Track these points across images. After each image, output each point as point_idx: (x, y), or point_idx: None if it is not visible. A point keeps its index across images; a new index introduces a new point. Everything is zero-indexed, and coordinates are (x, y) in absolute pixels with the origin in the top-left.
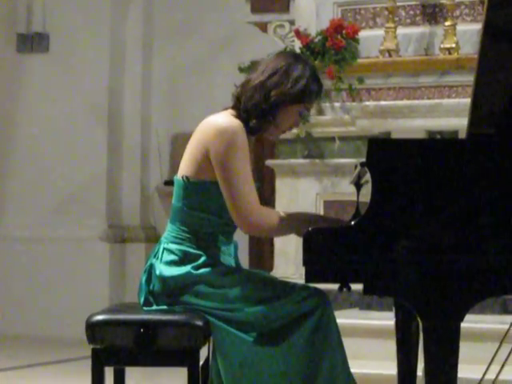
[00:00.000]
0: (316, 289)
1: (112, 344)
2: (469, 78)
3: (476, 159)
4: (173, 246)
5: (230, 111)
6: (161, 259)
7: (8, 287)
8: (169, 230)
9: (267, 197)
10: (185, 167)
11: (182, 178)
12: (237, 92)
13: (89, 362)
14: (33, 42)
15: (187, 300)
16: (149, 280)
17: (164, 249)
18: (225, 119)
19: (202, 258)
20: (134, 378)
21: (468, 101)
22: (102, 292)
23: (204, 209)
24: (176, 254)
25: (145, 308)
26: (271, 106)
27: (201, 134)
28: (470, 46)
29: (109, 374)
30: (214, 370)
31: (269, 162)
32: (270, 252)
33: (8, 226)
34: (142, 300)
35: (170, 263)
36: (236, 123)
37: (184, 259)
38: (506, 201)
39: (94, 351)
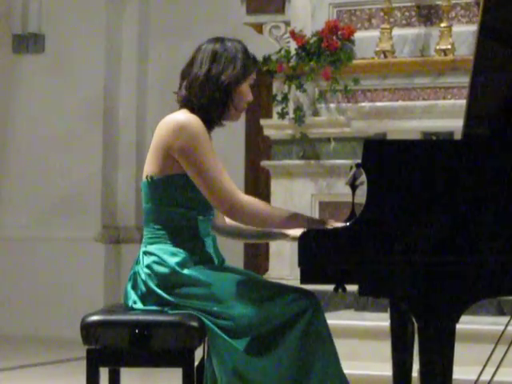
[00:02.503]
0: (306, 290)
1: (107, 344)
2: (464, 80)
3: (471, 160)
4: (151, 248)
5: (185, 110)
6: (143, 263)
7: (1, 287)
8: (144, 234)
9: (263, 198)
10: (148, 168)
11: (147, 178)
12: (182, 96)
13: (84, 363)
14: (28, 42)
15: (176, 301)
16: (135, 287)
17: (143, 253)
18: (183, 115)
19: (182, 253)
20: (129, 379)
21: (463, 102)
22: (97, 292)
23: (172, 203)
24: (155, 255)
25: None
26: (226, 91)
27: (161, 132)
28: (465, 47)
29: (104, 374)
30: (208, 372)
31: (264, 163)
32: (265, 253)
33: (3, 226)
34: (130, 305)
35: (153, 264)
36: (194, 118)
37: (164, 256)
38: (501, 202)
39: (88, 352)
